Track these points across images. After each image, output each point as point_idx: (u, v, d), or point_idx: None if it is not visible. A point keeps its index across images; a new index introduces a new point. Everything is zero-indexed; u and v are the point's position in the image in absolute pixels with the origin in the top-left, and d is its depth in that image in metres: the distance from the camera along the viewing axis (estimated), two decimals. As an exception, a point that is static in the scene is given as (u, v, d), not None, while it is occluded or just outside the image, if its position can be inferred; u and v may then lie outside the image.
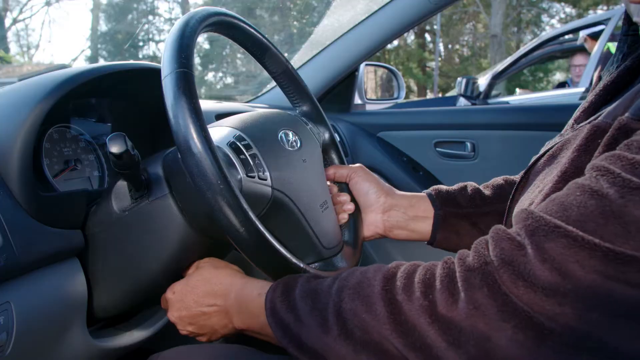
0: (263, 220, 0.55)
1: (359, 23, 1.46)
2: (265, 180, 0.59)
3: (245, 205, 0.50)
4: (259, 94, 1.62)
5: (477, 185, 0.77)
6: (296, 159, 0.65)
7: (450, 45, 18.08)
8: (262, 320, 0.55)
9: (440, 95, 13.79)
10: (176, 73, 0.50)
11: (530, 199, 0.53)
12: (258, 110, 0.70)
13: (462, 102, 4.08)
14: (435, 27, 15.14)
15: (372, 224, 0.75)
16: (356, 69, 1.57)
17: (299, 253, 0.65)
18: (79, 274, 0.64)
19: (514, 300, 0.40)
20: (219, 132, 0.61)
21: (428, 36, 17.84)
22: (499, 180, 0.77)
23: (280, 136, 0.65)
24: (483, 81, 4.11)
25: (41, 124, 0.61)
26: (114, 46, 16.29)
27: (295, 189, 0.63)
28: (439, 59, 16.15)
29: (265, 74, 0.75)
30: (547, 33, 4.40)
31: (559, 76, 13.69)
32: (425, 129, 1.60)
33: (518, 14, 15.76)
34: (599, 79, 0.61)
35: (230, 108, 1.23)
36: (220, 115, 1.15)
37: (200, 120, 0.49)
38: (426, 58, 17.57)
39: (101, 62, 0.93)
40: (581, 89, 3.50)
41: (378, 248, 1.55)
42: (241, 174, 0.58)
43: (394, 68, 1.87)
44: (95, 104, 0.85)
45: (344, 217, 0.75)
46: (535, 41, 4.26)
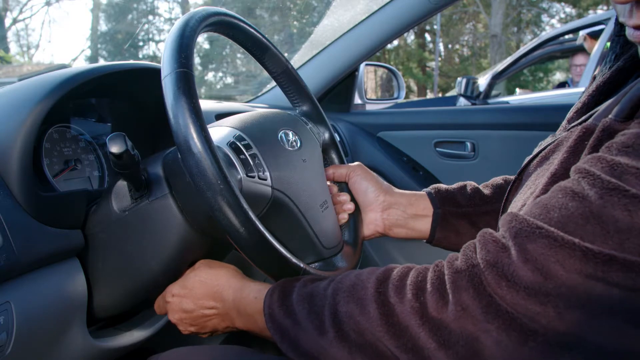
0: (263, 220, 0.55)
1: (359, 23, 1.46)
2: (265, 180, 0.59)
3: (245, 205, 0.51)
4: (259, 94, 1.62)
5: (477, 185, 0.77)
6: (296, 158, 0.65)
7: (450, 45, 18.08)
8: (261, 324, 0.55)
9: (440, 95, 13.79)
10: (176, 73, 0.50)
11: (522, 200, 0.53)
12: (258, 110, 0.70)
13: (462, 102, 4.08)
14: (435, 27, 15.15)
15: (372, 223, 0.75)
16: (356, 69, 1.57)
17: (299, 253, 0.65)
18: (79, 274, 0.64)
19: (497, 302, 0.41)
20: (219, 132, 0.61)
21: (428, 36, 17.86)
22: (498, 180, 0.78)
23: (280, 136, 0.65)
24: (483, 81, 4.11)
25: (41, 123, 0.61)
26: (114, 46, 16.29)
27: (295, 188, 0.63)
28: (439, 59, 16.15)
29: (265, 74, 0.75)
30: (547, 33, 4.40)
31: (559, 76, 13.70)
32: (425, 129, 1.60)
33: (518, 14, 15.76)
34: (594, 79, 0.61)
35: (230, 108, 1.23)
36: (220, 115, 1.15)
37: (200, 120, 0.49)
38: (426, 58, 17.57)
39: (101, 62, 0.93)
40: (581, 89, 3.50)
41: (378, 248, 1.55)
42: (241, 173, 0.58)
43: (394, 68, 1.87)
44: (95, 104, 0.85)
45: (344, 217, 0.75)
46: (535, 41, 4.26)
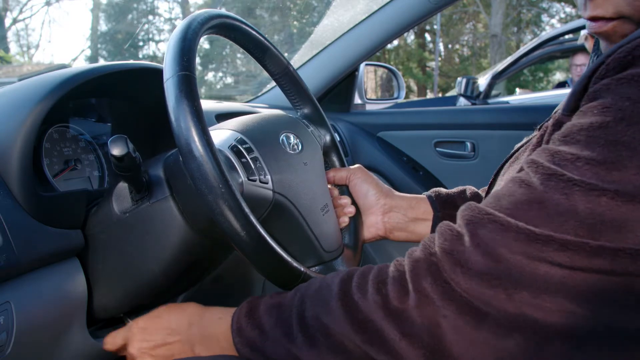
0: (264, 224, 0.55)
1: (359, 23, 1.46)
2: (267, 183, 0.60)
3: (247, 209, 0.51)
4: (259, 94, 1.62)
5: (476, 189, 0.77)
6: (297, 162, 0.65)
7: (450, 45, 18.08)
8: (224, 344, 0.56)
9: (440, 95, 13.79)
10: (178, 76, 0.50)
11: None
12: (259, 112, 0.70)
13: (462, 102, 4.08)
14: (435, 27, 15.15)
15: (373, 226, 0.76)
16: (356, 69, 1.57)
17: (299, 256, 0.65)
18: (79, 274, 0.64)
19: (453, 287, 0.43)
20: (221, 135, 0.61)
21: (428, 36, 17.86)
22: None
23: (282, 139, 0.65)
24: (483, 81, 4.11)
25: (41, 123, 0.61)
26: (114, 46, 16.29)
27: (296, 192, 0.63)
28: (439, 59, 16.15)
29: (265, 74, 0.75)
30: (547, 33, 4.40)
31: (559, 76, 13.70)
32: (425, 128, 1.60)
33: (518, 14, 15.76)
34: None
35: (230, 108, 1.23)
36: (220, 115, 1.15)
37: (202, 124, 0.49)
38: (426, 58, 17.57)
39: (101, 62, 0.93)
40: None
41: (379, 249, 1.55)
42: (242, 177, 0.58)
43: (394, 68, 1.87)
44: (95, 104, 0.85)
45: (345, 221, 0.75)
46: (535, 41, 4.26)
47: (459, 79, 4.05)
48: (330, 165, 0.80)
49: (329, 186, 0.76)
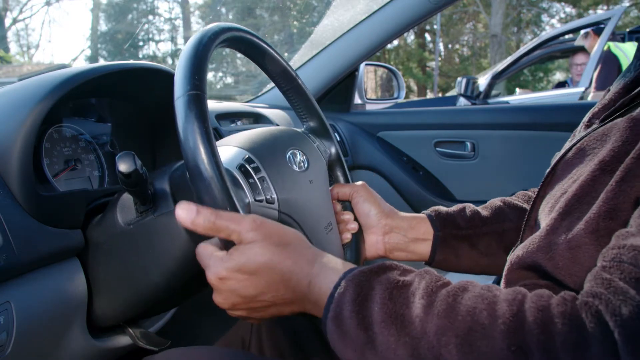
0: None
1: (359, 23, 1.46)
2: (273, 204, 0.60)
3: None
4: (259, 94, 1.62)
5: (475, 207, 0.77)
6: (303, 180, 0.65)
7: (450, 45, 18.08)
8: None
9: (440, 95, 13.79)
10: (188, 95, 0.50)
11: (562, 189, 0.53)
12: (266, 128, 0.70)
13: (462, 102, 4.08)
14: (435, 27, 15.15)
15: (373, 246, 0.76)
16: (356, 69, 1.58)
17: None
18: (79, 273, 0.64)
19: None
20: (228, 153, 0.61)
21: (428, 36, 17.86)
22: (496, 202, 0.78)
23: (289, 157, 0.65)
24: (483, 81, 4.11)
25: (41, 123, 0.61)
26: (114, 46, 16.30)
27: (301, 211, 0.63)
28: (439, 58, 16.15)
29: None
30: (547, 33, 4.40)
31: (559, 76, 13.70)
32: (425, 128, 1.60)
33: (518, 14, 15.76)
34: (608, 91, 0.62)
35: (230, 108, 1.23)
36: (220, 115, 1.15)
37: (212, 145, 0.49)
38: (426, 58, 17.57)
39: (101, 62, 0.93)
40: (581, 89, 3.50)
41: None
42: (249, 198, 0.58)
43: (394, 68, 1.88)
44: (95, 104, 0.85)
45: (347, 237, 0.75)
46: (535, 41, 4.27)
47: (459, 79, 4.06)
48: (334, 179, 0.80)
49: (333, 201, 0.76)
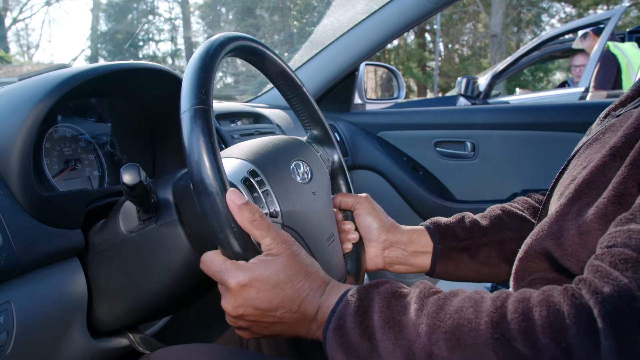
0: None
1: (359, 23, 1.46)
2: (276, 217, 0.60)
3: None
4: (259, 94, 1.62)
5: (474, 216, 0.76)
6: (306, 191, 0.65)
7: (450, 45, 18.08)
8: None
9: (440, 95, 13.79)
10: (194, 110, 0.51)
11: (572, 175, 0.53)
12: (270, 137, 0.70)
13: (462, 102, 4.08)
14: (435, 27, 15.14)
15: (372, 259, 0.76)
16: (356, 69, 1.58)
17: None
18: (79, 273, 0.64)
19: None
20: (233, 166, 0.61)
21: (428, 36, 17.86)
22: (495, 210, 0.78)
23: (292, 168, 0.65)
24: (483, 81, 4.11)
25: (41, 123, 0.61)
26: (114, 46, 16.30)
27: (304, 224, 0.63)
28: (439, 58, 16.15)
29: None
30: (547, 33, 4.40)
31: (559, 76, 13.71)
32: (425, 128, 1.60)
33: (518, 14, 15.76)
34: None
35: (230, 108, 1.23)
36: (220, 115, 1.15)
37: (217, 160, 0.50)
38: (426, 58, 17.57)
39: (101, 62, 0.93)
40: (581, 89, 3.50)
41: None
42: None
43: (394, 68, 1.88)
44: (95, 104, 0.85)
45: (348, 247, 0.75)
46: (535, 41, 4.26)
47: (459, 79, 4.06)
48: (337, 188, 0.80)
49: (334, 210, 0.76)
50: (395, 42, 15.89)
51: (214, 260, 0.53)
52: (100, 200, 0.71)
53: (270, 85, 1.59)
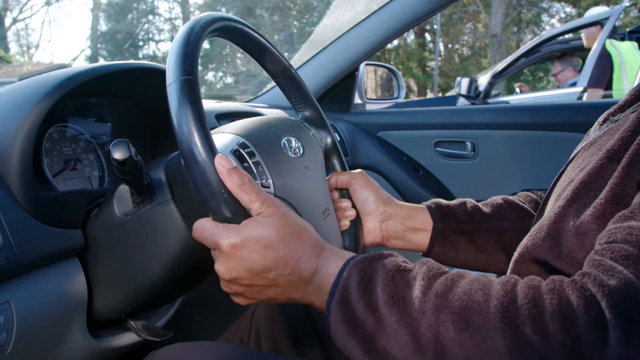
0: None
1: (359, 23, 1.46)
2: (269, 187, 0.60)
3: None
4: (259, 94, 1.62)
5: (476, 202, 0.77)
6: (299, 165, 0.65)
7: (450, 45, 18.08)
8: (324, 300, 0.49)
9: (440, 95, 13.79)
10: (181, 80, 0.51)
11: (569, 178, 0.54)
12: (261, 116, 0.70)
13: (462, 102, 4.08)
14: (435, 27, 15.14)
15: (371, 232, 0.76)
16: (356, 69, 1.58)
17: None
18: (79, 273, 0.64)
19: None
20: (223, 139, 0.61)
21: (428, 36, 17.86)
22: (497, 199, 0.78)
23: (283, 143, 0.65)
24: (483, 81, 4.11)
25: (41, 123, 0.61)
26: (114, 46, 16.30)
27: (297, 196, 0.63)
28: (439, 58, 16.15)
29: (265, 73, 0.75)
30: (547, 33, 4.39)
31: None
32: (425, 128, 1.60)
33: (518, 14, 15.76)
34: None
35: (230, 108, 1.23)
36: (220, 115, 1.15)
37: (205, 129, 0.49)
38: (426, 58, 17.57)
39: (101, 62, 0.93)
40: (579, 89, 3.50)
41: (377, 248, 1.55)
42: None
43: (394, 68, 1.87)
44: (95, 104, 0.85)
45: (345, 224, 0.75)
46: (535, 40, 4.26)
47: (459, 78, 4.05)
48: (331, 168, 0.80)
49: (330, 189, 0.76)
50: (395, 42, 15.90)
51: (205, 226, 0.52)
52: (100, 200, 0.71)
53: (270, 85, 1.59)
